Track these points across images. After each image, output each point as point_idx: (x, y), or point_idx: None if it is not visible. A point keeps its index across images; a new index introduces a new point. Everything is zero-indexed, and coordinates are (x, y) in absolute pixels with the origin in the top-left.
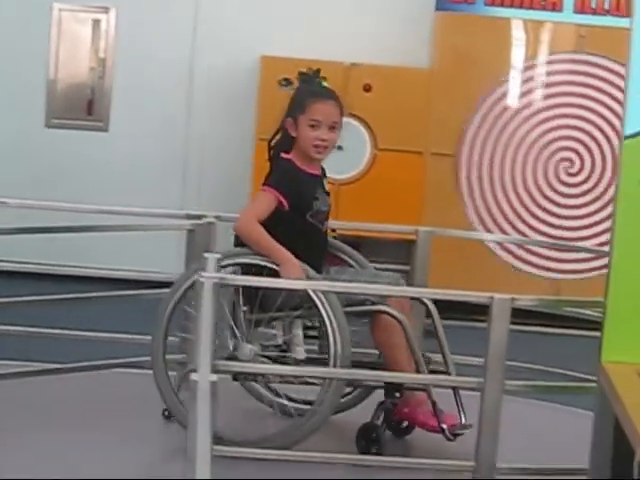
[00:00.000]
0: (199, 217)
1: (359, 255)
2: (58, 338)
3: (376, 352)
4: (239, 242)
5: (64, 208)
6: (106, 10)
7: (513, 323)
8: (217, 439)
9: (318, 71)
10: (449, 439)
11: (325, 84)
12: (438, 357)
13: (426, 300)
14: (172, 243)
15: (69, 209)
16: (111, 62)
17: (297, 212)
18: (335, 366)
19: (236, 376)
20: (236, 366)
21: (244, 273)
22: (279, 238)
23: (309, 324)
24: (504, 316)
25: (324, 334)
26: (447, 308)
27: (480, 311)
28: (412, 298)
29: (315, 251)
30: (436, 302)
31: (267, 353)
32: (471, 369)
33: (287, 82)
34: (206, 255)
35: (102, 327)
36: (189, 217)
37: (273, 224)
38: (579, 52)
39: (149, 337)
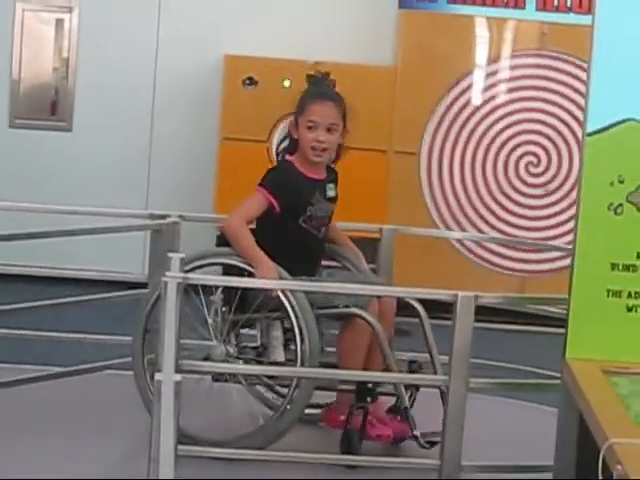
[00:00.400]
0: (163, 217)
1: (356, 258)
2: (25, 339)
3: None
4: (222, 242)
5: (26, 208)
6: (70, 10)
7: (478, 321)
8: (188, 438)
9: (327, 74)
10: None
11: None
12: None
13: (412, 301)
14: (137, 243)
15: (32, 209)
16: (74, 62)
17: (289, 215)
18: (302, 366)
19: (216, 376)
20: (201, 366)
21: (225, 274)
22: (269, 239)
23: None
24: (468, 313)
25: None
26: (408, 306)
27: (445, 309)
28: (378, 297)
29: (307, 255)
30: (398, 300)
31: (243, 355)
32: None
33: (251, 81)
34: (170, 255)
35: (72, 328)
36: (153, 217)
37: (264, 225)
38: (542, 49)
39: (124, 338)
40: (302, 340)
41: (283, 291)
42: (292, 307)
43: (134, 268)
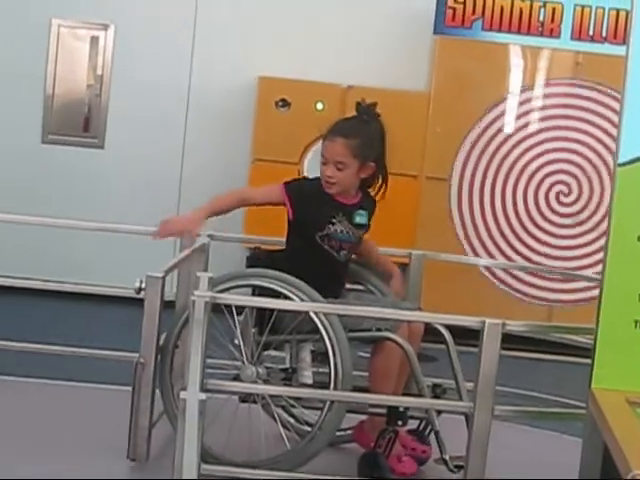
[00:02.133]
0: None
1: (379, 282)
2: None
3: None
4: (251, 263)
5: (58, 224)
6: (105, 27)
7: (505, 349)
8: (213, 458)
9: (374, 104)
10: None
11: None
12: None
13: (440, 326)
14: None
15: (63, 225)
16: (108, 79)
17: (304, 229)
18: (335, 389)
19: (245, 398)
20: (227, 386)
21: (258, 296)
22: (292, 254)
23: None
24: (495, 341)
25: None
26: (439, 332)
27: (472, 335)
28: (407, 322)
29: (327, 275)
30: (426, 325)
31: (273, 376)
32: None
33: (284, 103)
34: (199, 274)
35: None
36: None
37: (287, 237)
38: (575, 78)
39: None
40: (335, 363)
41: (316, 313)
42: (325, 329)
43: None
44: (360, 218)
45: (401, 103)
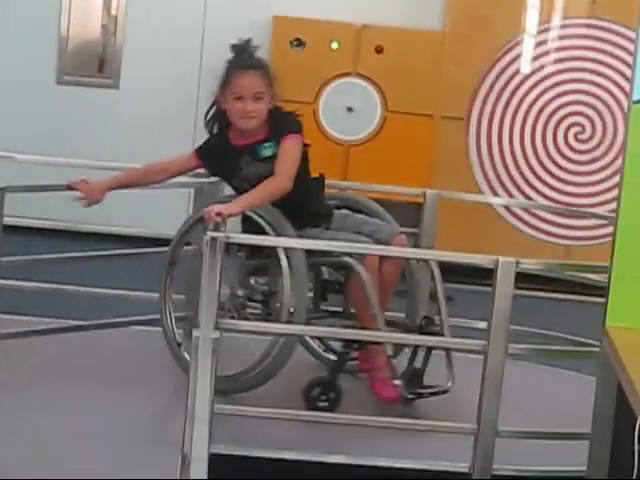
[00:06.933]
0: (206, 175)
1: (373, 204)
2: (72, 295)
3: None
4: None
5: (72, 164)
6: None
7: (520, 288)
8: None
9: (248, 41)
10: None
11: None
12: None
13: (431, 263)
14: (180, 200)
15: (78, 165)
16: (123, 20)
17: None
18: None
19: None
20: (240, 325)
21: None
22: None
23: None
24: (508, 279)
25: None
26: (453, 271)
27: (486, 275)
28: (417, 260)
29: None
30: (442, 265)
31: (252, 299)
32: (475, 332)
33: (299, 42)
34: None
35: (113, 284)
36: (196, 175)
37: None
38: (592, 17)
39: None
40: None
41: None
42: (286, 258)
43: (177, 226)
44: (265, 151)
45: (415, 42)
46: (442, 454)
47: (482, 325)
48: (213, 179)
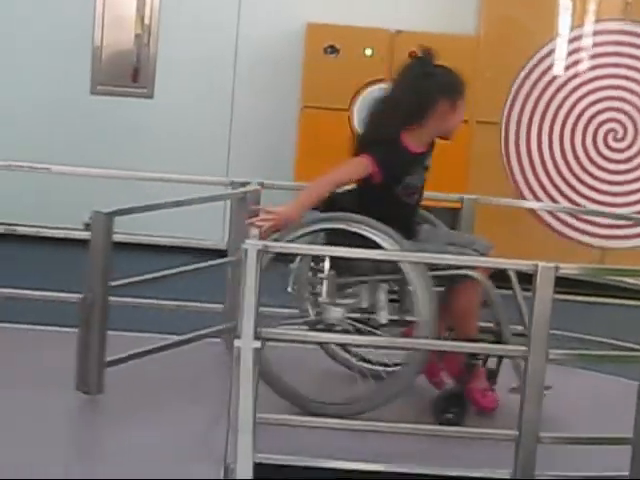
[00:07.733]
0: (244, 184)
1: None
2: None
3: None
4: (324, 208)
5: (108, 175)
6: None
7: (559, 292)
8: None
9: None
10: None
11: None
12: None
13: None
14: (218, 210)
15: (113, 176)
16: (156, 29)
17: (388, 186)
18: (420, 333)
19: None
20: (281, 334)
21: (330, 239)
22: (372, 206)
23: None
24: (548, 284)
25: (403, 297)
26: (492, 276)
27: (526, 280)
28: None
29: (404, 223)
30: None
31: (352, 315)
32: (516, 338)
33: (332, 49)
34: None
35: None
36: (234, 185)
37: (365, 193)
38: (625, 20)
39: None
40: (420, 307)
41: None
42: (411, 272)
43: (215, 235)
44: (427, 161)
45: (450, 48)
46: (484, 461)
47: (521, 330)
48: (253, 188)
